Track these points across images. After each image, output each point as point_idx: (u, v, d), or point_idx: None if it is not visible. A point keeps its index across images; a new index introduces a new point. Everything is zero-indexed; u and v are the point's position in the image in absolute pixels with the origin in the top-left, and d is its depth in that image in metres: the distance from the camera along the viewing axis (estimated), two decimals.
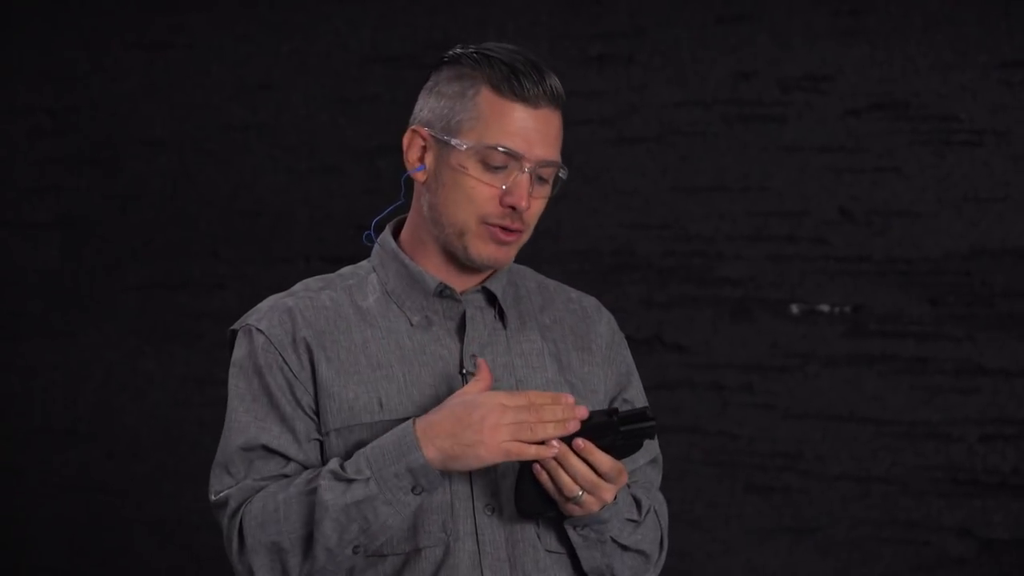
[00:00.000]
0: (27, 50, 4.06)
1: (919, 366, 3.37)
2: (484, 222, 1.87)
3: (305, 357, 1.89)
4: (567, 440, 1.79)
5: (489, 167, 1.86)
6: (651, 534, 1.96)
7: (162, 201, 3.96)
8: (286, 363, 1.89)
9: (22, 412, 4.09)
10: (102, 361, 4.02)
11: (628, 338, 2.09)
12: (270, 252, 3.87)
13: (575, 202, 3.58)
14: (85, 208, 4.02)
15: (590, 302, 2.05)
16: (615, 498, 1.84)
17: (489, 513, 1.87)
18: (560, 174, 1.92)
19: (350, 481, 1.79)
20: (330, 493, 1.80)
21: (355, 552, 1.82)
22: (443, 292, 1.92)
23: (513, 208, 1.85)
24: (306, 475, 1.84)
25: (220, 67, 3.92)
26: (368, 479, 1.79)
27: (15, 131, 4.08)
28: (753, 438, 3.47)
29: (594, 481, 1.81)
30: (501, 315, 1.95)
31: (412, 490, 1.80)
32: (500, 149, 1.85)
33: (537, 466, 1.80)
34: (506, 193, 1.86)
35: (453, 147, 1.87)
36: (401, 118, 1.98)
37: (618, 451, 1.82)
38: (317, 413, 1.89)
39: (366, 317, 1.92)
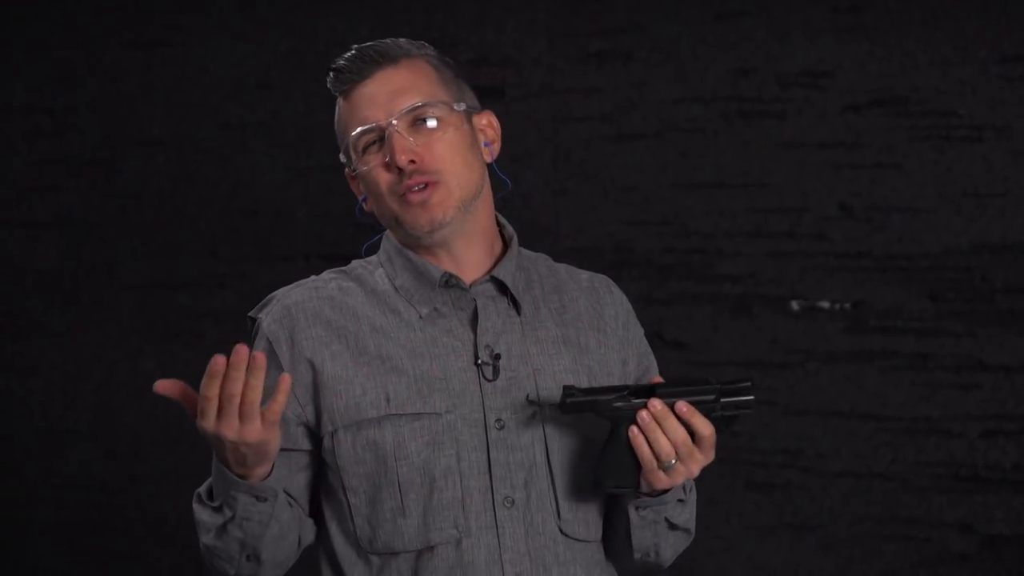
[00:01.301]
0: (25, 51, 4.06)
1: (919, 362, 3.37)
2: (394, 195, 1.88)
3: (305, 369, 1.89)
4: (669, 405, 1.80)
5: (369, 153, 1.90)
6: (693, 511, 1.99)
7: (161, 200, 3.96)
8: (281, 367, 1.89)
9: (22, 412, 4.09)
10: (102, 361, 4.01)
11: None
12: (269, 251, 3.86)
13: (574, 199, 3.57)
14: (84, 208, 4.02)
15: (601, 281, 2.05)
16: None
17: (509, 505, 1.87)
18: (456, 107, 1.92)
19: (212, 508, 1.84)
20: (202, 515, 1.85)
21: (248, 560, 1.86)
22: (449, 282, 1.91)
23: (400, 169, 1.86)
24: (204, 484, 1.88)
25: (218, 66, 3.91)
26: (221, 506, 1.82)
27: (13, 131, 4.08)
28: (753, 435, 3.47)
29: (691, 448, 1.81)
30: (514, 303, 1.94)
31: (256, 499, 1.82)
32: (357, 132, 1.90)
33: (634, 429, 1.80)
34: (387, 162, 1.88)
35: (352, 161, 1.93)
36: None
37: (713, 424, 1.82)
38: (318, 416, 1.89)
39: (376, 307, 1.92)
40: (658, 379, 1.87)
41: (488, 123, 1.97)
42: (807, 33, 3.42)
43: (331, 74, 1.93)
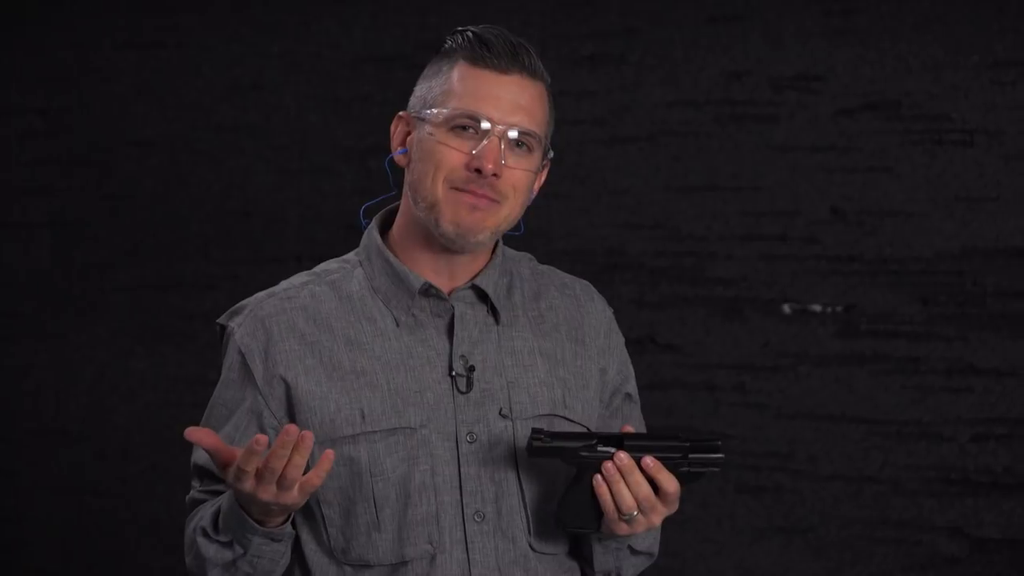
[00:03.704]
0: (18, 51, 4.05)
1: (911, 366, 3.37)
2: (452, 187, 1.83)
3: (279, 383, 1.87)
4: (636, 459, 1.78)
5: (457, 132, 1.83)
6: (657, 536, 1.97)
7: (153, 202, 3.95)
8: (255, 382, 1.87)
9: (13, 413, 4.08)
10: (93, 362, 4.01)
11: None
12: (261, 252, 3.86)
13: (567, 202, 3.57)
14: (76, 209, 4.02)
15: (583, 287, 2.02)
16: None
17: (479, 520, 1.86)
18: (548, 154, 1.90)
19: (220, 543, 1.82)
20: (208, 550, 1.83)
21: None
22: (428, 291, 1.88)
23: (479, 171, 1.81)
24: (206, 514, 1.85)
25: (211, 67, 3.91)
26: (231, 542, 1.81)
27: (6, 132, 4.07)
28: (745, 438, 3.47)
29: (653, 503, 1.80)
30: (493, 311, 1.91)
31: (272, 540, 1.80)
32: (465, 111, 1.83)
33: (599, 478, 1.78)
34: (473, 157, 1.82)
35: (426, 119, 1.85)
36: (392, 118, 1.97)
37: (678, 479, 1.80)
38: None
39: (349, 315, 1.89)
40: (628, 428, 1.85)
41: (543, 175, 1.96)
42: (799, 37, 3.43)
43: (472, 37, 1.88)
